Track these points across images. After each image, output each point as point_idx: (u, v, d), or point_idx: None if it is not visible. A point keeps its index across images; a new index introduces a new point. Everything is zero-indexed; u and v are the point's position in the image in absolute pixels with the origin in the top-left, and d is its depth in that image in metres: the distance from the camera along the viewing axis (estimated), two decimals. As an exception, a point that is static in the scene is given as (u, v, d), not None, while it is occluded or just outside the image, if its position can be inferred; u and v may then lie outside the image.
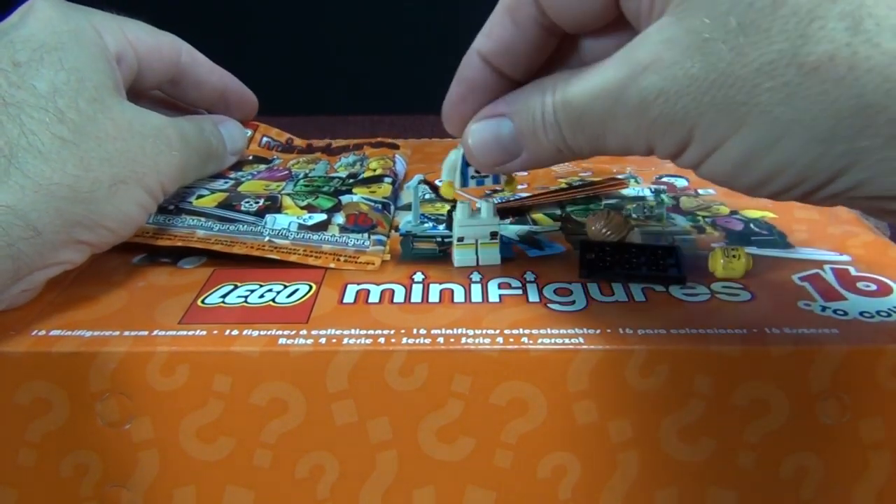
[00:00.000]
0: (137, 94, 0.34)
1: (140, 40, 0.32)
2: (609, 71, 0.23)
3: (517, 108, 0.26)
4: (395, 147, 0.42)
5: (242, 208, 0.33)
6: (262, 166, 0.39)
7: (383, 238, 0.32)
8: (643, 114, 0.22)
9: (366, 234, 0.32)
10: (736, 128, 0.20)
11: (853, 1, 0.18)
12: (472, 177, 0.29)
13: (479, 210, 0.31)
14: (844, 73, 0.18)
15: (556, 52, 0.27)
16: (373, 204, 0.34)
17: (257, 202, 0.34)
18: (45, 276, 0.27)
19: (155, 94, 0.36)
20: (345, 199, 0.35)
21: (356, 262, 0.30)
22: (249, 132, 0.41)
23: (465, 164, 0.29)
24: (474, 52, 0.27)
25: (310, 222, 0.32)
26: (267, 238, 0.31)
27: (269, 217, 0.33)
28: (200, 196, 0.34)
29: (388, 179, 0.37)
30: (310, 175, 0.38)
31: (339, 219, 0.33)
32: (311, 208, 0.33)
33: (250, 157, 0.40)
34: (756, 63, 0.19)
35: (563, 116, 0.24)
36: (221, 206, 0.33)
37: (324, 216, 0.33)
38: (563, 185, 0.37)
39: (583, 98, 0.24)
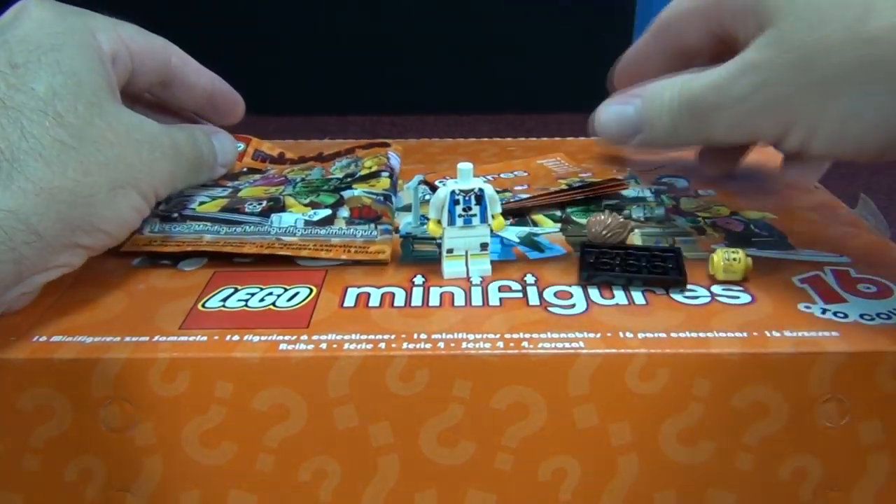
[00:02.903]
0: (130, 96, 0.34)
1: (133, 41, 0.32)
2: (723, 69, 0.28)
3: (649, 94, 0.31)
4: (386, 145, 0.42)
5: (247, 210, 0.33)
6: (257, 175, 0.39)
7: (390, 227, 0.32)
8: (745, 102, 0.27)
9: (372, 225, 0.32)
10: (827, 102, 0.25)
11: None
12: (460, 215, 0.29)
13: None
14: None
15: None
16: (375, 196, 0.34)
17: (260, 204, 0.34)
18: (44, 280, 0.27)
19: (145, 97, 0.36)
20: (346, 194, 0.35)
21: (367, 252, 0.30)
22: (241, 146, 0.41)
23: (453, 203, 0.29)
24: (624, 58, 0.36)
25: (315, 218, 0.33)
26: (275, 236, 0.31)
27: (274, 216, 0.33)
28: (202, 203, 0.34)
29: (385, 174, 0.37)
30: (307, 178, 0.38)
31: (345, 212, 0.33)
32: (314, 205, 0.34)
33: (244, 170, 0.40)
34: (828, 42, 0.25)
35: (684, 102, 0.30)
36: (225, 210, 0.33)
37: (328, 211, 0.33)
38: (563, 187, 0.37)
39: (699, 89, 0.29)
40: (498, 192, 0.30)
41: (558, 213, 0.36)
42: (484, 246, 0.30)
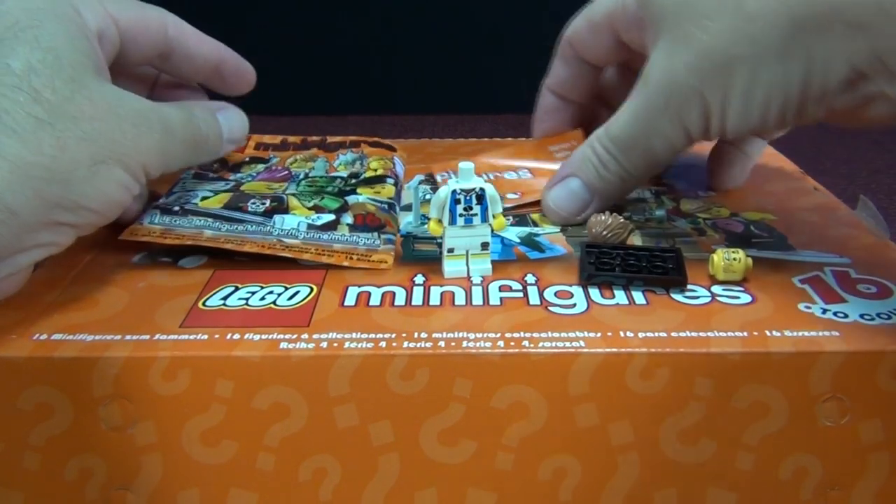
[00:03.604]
0: (124, 71, 0.33)
1: (122, 14, 0.31)
2: (634, 97, 0.32)
3: (577, 165, 0.34)
4: (393, 149, 0.42)
5: (249, 209, 0.33)
6: (261, 166, 0.39)
7: (393, 237, 0.32)
8: (667, 105, 0.30)
9: (375, 234, 0.32)
10: (729, 80, 0.28)
11: None
12: (461, 215, 0.29)
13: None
14: None
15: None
16: (379, 204, 0.34)
17: (264, 203, 0.34)
18: (28, 260, 0.26)
19: (146, 71, 0.36)
20: (350, 199, 0.35)
21: (369, 261, 0.30)
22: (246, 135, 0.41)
23: (454, 203, 0.29)
24: (545, 87, 0.40)
25: (319, 222, 0.33)
26: (276, 237, 0.31)
27: (276, 218, 0.33)
28: (205, 198, 0.34)
29: (390, 180, 0.37)
30: (310, 175, 0.38)
31: (348, 219, 0.33)
32: (318, 209, 0.34)
33: (247, 159, 0.40)
34: (719, 29, 0.28)
35: (615, 147, 0.32)
36: (228, 206, 0.33)
37: (332, 216, 0.33)
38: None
39: (624, 126, 0.32)
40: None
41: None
42: (485, 245, 0.30)
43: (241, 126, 0.36)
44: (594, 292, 0.28)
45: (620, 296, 0.28)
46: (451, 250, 0.30)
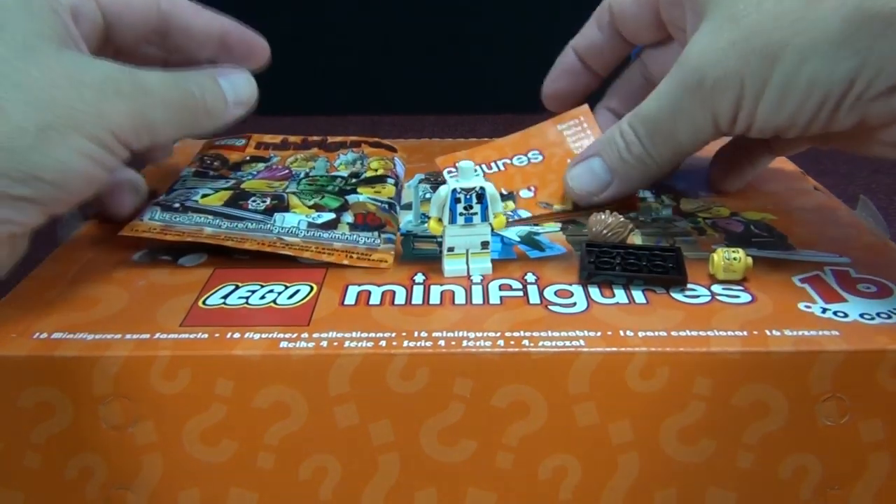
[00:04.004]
0: (124, 52, 0.32)
1: None
2: (668, 77, 0.30)
3: (602, 145, 0.33)
4: (393, 150, 0.42)
5: (250, 207, 0.33)
6: (261, 165, 0.39)
7: (393, 236, 0.32)
8: (701, 86, 0.28)
9: (376, 233, 0.32)
10: (772, 66, 0.27)
11: None
12: (461, 214, 0.29)
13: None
14: None
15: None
16: (379, 204, 0.34)
17: (264, 201, 0.34)
18: None
19: (150, 53, 0.34)
20: (351, 198, 0.35)
21: (369, 260, 0.30)
22: (243, 142, 0.41)
23: (454, 202, 0.29)
24: (570, 46, 0.38)
25: (319, 221, 0.33)
26: (276, 236, 0.31)
27: (277, 216, 0.33)
28: (205, 195, 0.34)
29: (390, 181, 0.37)
30: (311, 174, 0.38)
31: (349, 218, 0.33)
32: (318, 208, 0.34)
33: (248, 157, 0.40)
34: (774, 11, 0.27)
35: (641, 129, 0.31)
36: (228, 204, 0.33)
37: (332, 215, 0.33)
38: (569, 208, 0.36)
39: (653, 106, 0.30)
40: (503, 194, 0.30)
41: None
42: (485, 244, 0.30)
43: (248, 88, 0.33)
44: (594, 291, 0.28)
45: (620, 295, 0.28)
46: (451, 249, 0.30)
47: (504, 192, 0.35)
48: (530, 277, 0.30)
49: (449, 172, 0.37)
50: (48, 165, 0.25)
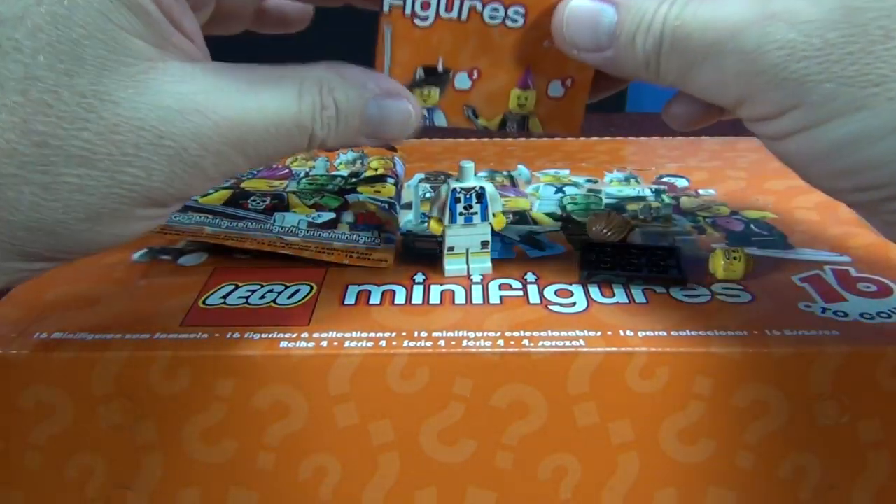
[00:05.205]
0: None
1: None
2: (736, 4, 0.22)
3: (630, 3, 0.24)
4: (393, 149, 0.42)
5: (250, 206, 0.33)
6: None
7: (393, 237, 0.32)
8: (754, 60, 0.21)
9: (376, 233, 0.32)
10: (856, 107, 0.20)
11: None
12: (461, 213, 0.29)
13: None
14: None
15: None
16: (379, 203, 0.34)
17: (264, 200, 0.34)
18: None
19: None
20: (351, 198, 0.35)
21: (369, 259, 0.30)
22: None
23: (454, 201, 0.29)
24: None
25: (319, 220, 0.33)
26: (277, 235, 0.31)
27: (277, 215, 0.33)
28: (205, 194, 0.34)
29: (390, 180, 0.37)
30: (311, 173, 0.38)
31: (349, 217, 0.33)
32: (318, 207, 0.34)
33: None
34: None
35: (671, 31, 0.23)
36: (228, 203, 0.33)
37: (332, 215, 0.33)
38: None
39: (699, 20, 0.23)
40: (436, 69, 0.25)
41: (559, 212, 0.36)
42: (485, 244, 0.30)
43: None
44: (594, 291, 0.28)
45: (620, 294, 0.28)
46: (451, 249, 0.30)
47: (440, 68, 0.26)
48: (530, 277, 0.30)
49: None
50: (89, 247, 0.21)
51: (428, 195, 0.38)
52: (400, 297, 0.28)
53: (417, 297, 0.28)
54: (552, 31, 0.25)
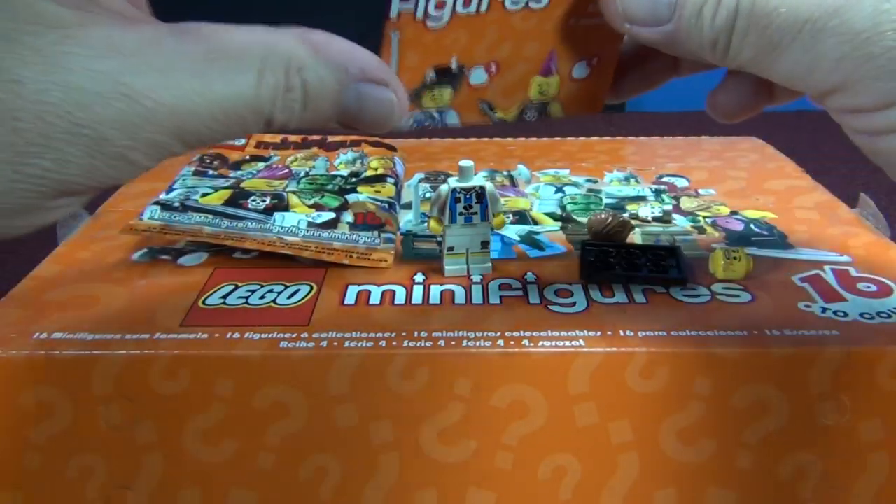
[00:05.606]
0: None
1: None
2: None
3: None
4: (393, 149, 0.42)
5: (250, 206, 0.33)
6: (261, 164, 0.39)
7: (393, 236, 0.32)
8: (865, 43, 0.18)
9: (376, 233, 0.32)
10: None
11: None
12: (461, 213, 0.29)
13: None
14: None
15: None
16: (379, 203, 0.34)
17: (264, 200, 0.34)
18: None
19: None
20: (351, 197, 0.35)
21: (369, 259, 0.30)
22: (243, 141, 0.41)
23: (454, 201, 0.29)
24: None
25: (319, 220, 0.33)
26: (276, 235, 0.31)
27: (277, 215, 0.33)
28: (205, 194, 0.34)
29: (390, 180, 0.37)
30: (311, 173, 0.38)
31: (348, 217, 0.33)
32: (318, 207, 0.34)
33: (247, 157, 0.40)
34: None
35: (749, 3, 0.19)
36: (228, 203, 0.33)
37: (332, 214, 0.33)
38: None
39: None
40: (450, 69, 0.24)
41: (559, 212, 0.36)
42: (485, 244, 0.30)
43: None
44: (594, 291, 0.28)
45: (620, 294, 0.28)
46: (451, 249, 0.30)
47: (454, 67, 0.25)
48: (530, 277, 0.29)
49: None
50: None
51: (428, 195, 0.38)
52: (400, 297, 0.28)
53: (417, 297, 0.28)
54: (602, 1, 0.23)
